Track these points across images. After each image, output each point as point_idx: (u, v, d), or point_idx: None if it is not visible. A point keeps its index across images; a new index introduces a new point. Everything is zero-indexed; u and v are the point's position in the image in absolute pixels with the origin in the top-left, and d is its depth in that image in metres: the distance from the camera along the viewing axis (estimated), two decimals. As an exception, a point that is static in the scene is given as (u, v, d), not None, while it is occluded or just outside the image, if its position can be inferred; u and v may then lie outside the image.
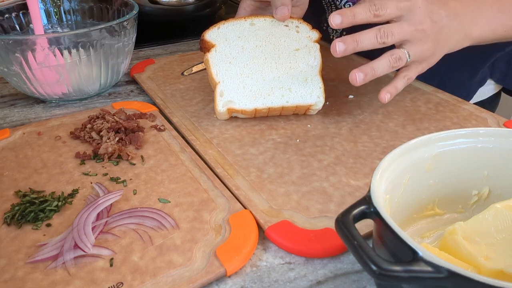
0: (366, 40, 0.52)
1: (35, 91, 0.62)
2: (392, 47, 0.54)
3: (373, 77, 0.53)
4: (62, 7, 0.75)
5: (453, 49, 0.57)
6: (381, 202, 0.30)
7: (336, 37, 0.85)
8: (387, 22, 0.53)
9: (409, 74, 0.55)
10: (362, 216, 0.30)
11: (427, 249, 0.26)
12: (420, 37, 0.52)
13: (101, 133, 0.53)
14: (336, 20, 0.53)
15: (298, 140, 0.54)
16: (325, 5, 0.83)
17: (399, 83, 0.55)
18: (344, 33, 0.83)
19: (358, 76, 0.53)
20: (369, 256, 0.26)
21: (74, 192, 0.44)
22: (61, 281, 0.35)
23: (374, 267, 0.26)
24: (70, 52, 0.59)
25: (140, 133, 0.53)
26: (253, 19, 0.58)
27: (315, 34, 0.58)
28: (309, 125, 0.57)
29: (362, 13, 0.52)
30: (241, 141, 0.53)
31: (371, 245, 0.29)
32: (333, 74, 0.71)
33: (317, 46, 0.58)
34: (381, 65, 0.53)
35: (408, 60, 0.53)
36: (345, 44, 0.53)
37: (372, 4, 0.52)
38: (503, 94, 0.86)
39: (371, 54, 0.55)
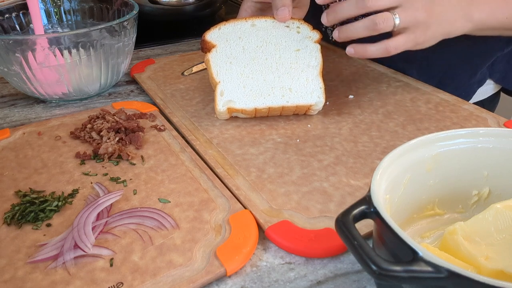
0: (345, 8, 0.51)
1: (35, 91, 0.62)
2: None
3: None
4: (62, 7, 0.75)
5: (451, 30, 0.55)
6: (381, 202, 0.30)
7: (335, 39, 0.85)
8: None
9: (393, 42, 0.53)
10: (362, 216, 0.30)
11: (427, 249, 0.26)
12: (411, 2, 0.51)
13: (101, 133, 0.53)
14: (323, 19, 0.54)
15: (298, 140, 0.54)
16: (323, 7, 0.83)
17: (373, 47, 0.53)
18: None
19: (334, 34, 0.54)
20: (369, 256, 0.26)
21: (74, 192, 0.44)
22: (61, 281, 0.35)
23: (374, 267, 0.26)
24: (70, 52, 0.59)
25: (140, 133, 0.53)
26: (254, 20, 0.58)
27: (315, 35, 0.58)
28: (309, 125, 0.57)
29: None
30: (241, 141, 0.53)
31: (371, 245, 0.29)
32: (333, 74, 0.71)
33: (318, 46, 0.58)
34: (358, 26, 0.52)
35: (397, 22, 0.51)
36: (326, 14, 0.54)
37: None
38: (502, 94, 0.86)
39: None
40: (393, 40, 0.53)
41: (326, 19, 0.54)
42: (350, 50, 0.55)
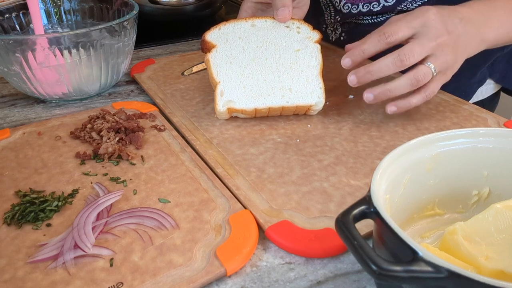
0: (383, 68, 0.51)
1: (35, 91, 0.62)
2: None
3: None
4: (62, 7, 0.75)
5: (471, 54, 0.56)
6: (381, 202, 0.30)
7: (335, 39, 0.85)
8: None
9: (431, 89, 0.54)
10: (362, 216, 0.30)
11: (427, 249, 0.26)
12: (441, 49, 0.51)
13: (101, 133, 0.53)
14: (346, 62, 0.53)
15: (298, 140, 0.54)
16: (323, 6, 0.83)
17: (415, 99, 0.54)
18: (343, 34, 0.83)
19: (369, 97, 0.53)
20: (369, 256, 0.26)
21: (74, 192, 0.44)
22: (61, 281, 0.35)
23: (374, 267, 0.26)
24: (70, 52, 0.59)
25: (140, 133, 0.53)
26: (254, 20, 0.58)
27: (316, 35, 0.58)
28: (309, 125, 0.57)
29: (372, 47, 0.52)
30: (241, 141, 0.53)
31: (371, 245, 0.29)
32: (333, 74, 0.71)
33: (318, 46, 0.58)
34: (400, 85, 0.52)
35: (434, 72, 0.52)
36: (357, 77, 0.53)
37: (382, 33, 0.51)
38: (502, 94, 0.86)
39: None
40: (430, 88, 0.53)
41: (356, 80, 0.53)
42: (392, 108, 0.55)
